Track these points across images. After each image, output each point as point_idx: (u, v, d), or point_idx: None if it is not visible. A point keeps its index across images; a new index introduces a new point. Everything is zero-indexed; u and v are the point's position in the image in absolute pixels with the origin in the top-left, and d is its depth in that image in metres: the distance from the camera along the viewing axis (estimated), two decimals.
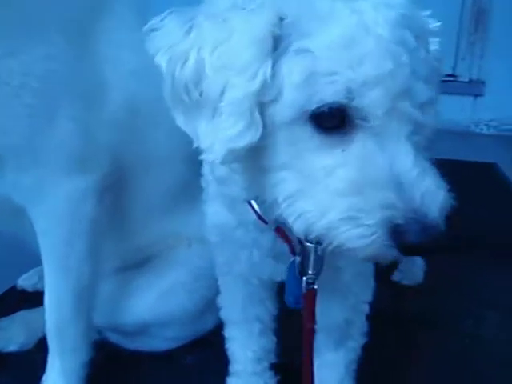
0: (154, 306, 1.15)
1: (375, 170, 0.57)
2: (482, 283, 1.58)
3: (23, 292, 1.43)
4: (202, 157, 0.63)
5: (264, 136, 0.60)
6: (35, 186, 0.91)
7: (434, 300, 1.47)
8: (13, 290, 1.45)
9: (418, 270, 1.54)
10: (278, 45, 0.59)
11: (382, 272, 1.25)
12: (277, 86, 0.59)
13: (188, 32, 0.61)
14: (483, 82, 3.29)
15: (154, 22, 0.63)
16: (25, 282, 1.45)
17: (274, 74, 0.58)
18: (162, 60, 0.61)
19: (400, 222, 0.55)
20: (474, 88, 3.30)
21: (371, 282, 0.92)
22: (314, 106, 0.57)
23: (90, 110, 0.92)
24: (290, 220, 0.61)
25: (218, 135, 0.59)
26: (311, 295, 0.73)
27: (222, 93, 0.59)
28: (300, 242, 0.72)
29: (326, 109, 0.57)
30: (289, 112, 0.59)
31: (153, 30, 0.62)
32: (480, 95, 3.30)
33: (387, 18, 0.57)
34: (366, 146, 0.58)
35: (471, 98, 3.32)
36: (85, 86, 0.92)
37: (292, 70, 0.58)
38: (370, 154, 0.58)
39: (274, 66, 0.58)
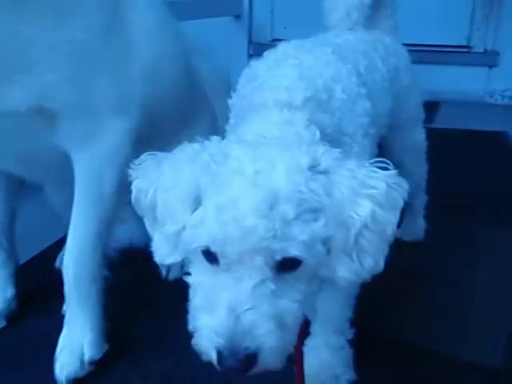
0: None
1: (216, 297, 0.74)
2: (479, 239, 1.71)
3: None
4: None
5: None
6: (82, 133, 1.07)
7: (432, 253, 1.59)
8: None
9: (419, 227, 1.67)
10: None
11: None
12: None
13: (153, 172, 0.82)
14: (498, 53, 3.34)
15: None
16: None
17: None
18: (133, 187, 0.84)
19: (219, 348, 0.73)
20: (488, 59, 3.36)
21: None
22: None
23: (123, 65, 1.09)
24: None
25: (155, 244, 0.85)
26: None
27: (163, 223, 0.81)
28: None
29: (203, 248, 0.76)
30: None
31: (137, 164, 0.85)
32: (495, 66, 3.35)
33: (251, 204, 0.71)
34: (219, 277, 0.75)
35: (486, 69, 3.38)
36: (117, 47, 1.08)
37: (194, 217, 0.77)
38: (218, 284, 0.75)
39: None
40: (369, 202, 0.75)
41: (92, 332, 1.18)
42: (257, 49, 3.65)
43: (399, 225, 0.98)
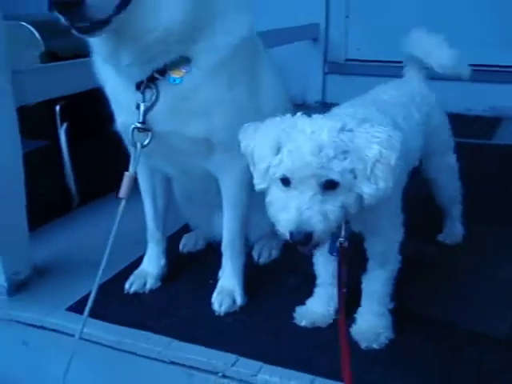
0: None
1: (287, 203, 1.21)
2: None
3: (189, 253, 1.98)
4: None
5: None
6: (227, 162, 1.54)
7: (467, 253, 1.93)
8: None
9: (458, 232, 2.00)
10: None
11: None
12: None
13: (252, 133, 1.30)
14: None
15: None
16: (185, 247, 1.99)
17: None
18: (241, 143, 1.31)
19: (291, 230, 1.19)
20: None
21: (400, 228, 1.47)
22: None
23: (258, 113, 1.52)
24: None
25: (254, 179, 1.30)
26: (343, 251, 1.34)
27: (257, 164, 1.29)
28: None
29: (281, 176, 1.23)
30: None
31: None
32: None
33: (308, 149, 1.17)
34: (289, 193, 1.21)
35: None
36: (256, 101, 1.56)
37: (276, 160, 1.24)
38: (289, 196, 1.21)
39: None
40: (377, 145, 1.20)
41: (240, 287, 1.67)
42: (332, 68, 4.05)
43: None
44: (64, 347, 1.57)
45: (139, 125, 1.40)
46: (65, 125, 2.27)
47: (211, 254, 1.84)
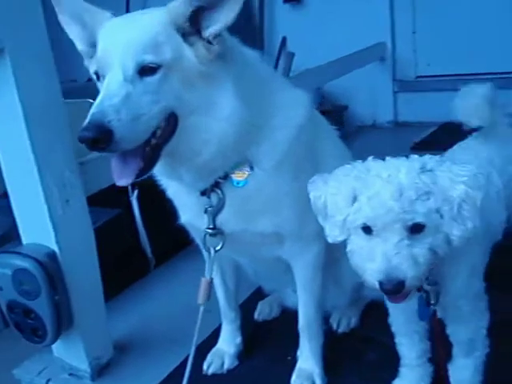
0: None
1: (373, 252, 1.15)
2: None
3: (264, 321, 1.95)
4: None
5: None
6: (299, 249, 1.51)
7: None
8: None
9: None
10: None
11: None
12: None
13: (322, 185, 1.25)
14: None
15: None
16: (261, 315, 1.96)
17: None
18: (311, 197, 1.26)
19: (381, 279, 1.13)
20: None
21: (485, 312, 1.36)
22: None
23: None
24: None
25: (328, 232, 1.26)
26: (436, 320, 1.28)
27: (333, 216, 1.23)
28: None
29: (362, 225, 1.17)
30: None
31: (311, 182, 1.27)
32: None
33: (388, 194, 1.12)
34: (372, 241, 1.16)
35: None
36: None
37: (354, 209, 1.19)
38: (372, 245, 1.16)
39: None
40: (463, 185, 1.15)
41: (319, 368, 1.62)
42: (401, 86, 3.89)
43: None
44: None
45: (210, 231, 1.39)
46: (136, 191, 2.30)
47: (287, 323, 1.78)
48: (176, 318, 1.99)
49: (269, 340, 1.83)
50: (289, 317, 1.79)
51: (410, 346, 1.47)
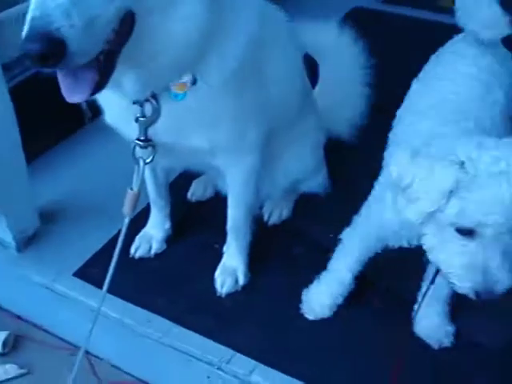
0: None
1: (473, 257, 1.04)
2: None
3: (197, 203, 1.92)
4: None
5: None
6: (234, 160, 1.43)
7: None
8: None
9: None
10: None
11: None
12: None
13: (408, 163, 1.06)
14: None
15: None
16: (194, 196, 1.93)
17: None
18: (392, 171, 1.09)
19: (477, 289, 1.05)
20: None
21: None
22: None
23: (261, 116, 1.38)
24: None
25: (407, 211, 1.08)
26: None
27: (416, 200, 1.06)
28: None
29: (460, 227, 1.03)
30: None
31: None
32: None
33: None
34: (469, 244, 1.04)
35: None
36: (261, 102, 1.38)
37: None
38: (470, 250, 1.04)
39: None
40: None
41: (244, 265, 1.65)
42: None
43: None
44: (72, 310, 1.65)
45: (140, 143, 1.25)
46: None
47: (219, 207, 1.73)
48: (110, 184, 1.92)
49: (199, 224, 1.84)
50: (222, 200, 1.75)
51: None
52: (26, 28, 0.90)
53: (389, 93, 1.67)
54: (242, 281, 1.63)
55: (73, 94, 1.00)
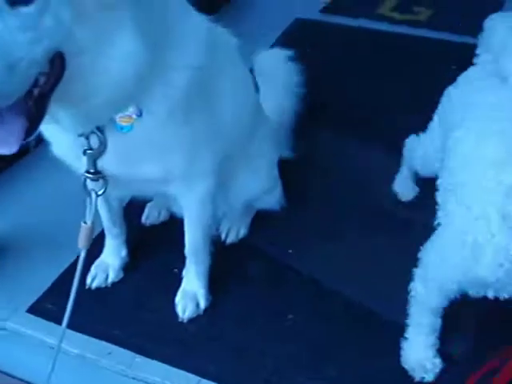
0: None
1: None
2: None
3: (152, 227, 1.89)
4: None
5: None
6: (187, 188, 1.42)
7: None
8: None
9: None
10: None
11: None
12: None
13: None
14: None
15: None
16: (148, 219, 1.90)
17: None
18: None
19: None
20: None
21: None
22: None
23: (215, 142, 1.39)
24: None
25: None
26: None
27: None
28: None
29: None
30: None
31: None
32: None
33: None
34: None
35: None
36: (214, 116, 1.38)
37: None
38: None
39: None
40: None
41: (204, 289, 1.63)
42: None
43: None
44: (29, 348, 1.59)
45: (90, 175, 1.23)
46: None
47: (175, 229, 1.70)
48: (59, 214, 1.88)
49: (155, 249, 1.81)
50: (177, 223, 1.72)
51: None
52: None
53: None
54: (203, 304, 1.61)
55: (3, 145, 0.96)
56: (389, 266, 1.66)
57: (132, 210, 1.87)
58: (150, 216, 1.89)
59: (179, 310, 1.60)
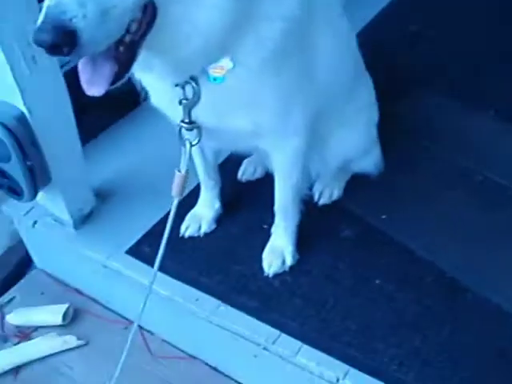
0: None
1: None
2: None
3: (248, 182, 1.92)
4: None
5: None
6: (279, 142, 1.42)
7: None
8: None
9: None
10: None
11: None
12: None
13: None
14: None
15: None
16: (244, 175, 1.92)
17: None
18: None
19: None
20: None
21: None
22: None
23: (308, 97, 1.35)
24: None
25: None
26: None
27: None
28: None
29: None
30: None
31: None
32: None
33: None
34: None
35: None
36: (308, 70, 1.34)
37: None
38: None
39: None
40: None
41: (292, 246, 1.64)
42: None
43: None
44: (126, 286, 1.70)
45: (185, 125, 1.26)
46: None
47: (269, 186, 1.70)
48: (162, 164, 1.93)
49: (248, 204, 1.84)
50: (272, 180, 1.71)
51: None
52: (40, 16, 0.91)
53: None
54: (289, 261, 1.62)
55: (91, 85, 1.01)
56: (488, 242, 1.56)
57: (229, 165, 1.91)
58: (246, 172, 1.92)
59: (265, 264, 1.62)
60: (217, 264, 1.67)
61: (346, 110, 1.59)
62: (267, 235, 1.68)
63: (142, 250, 1.71)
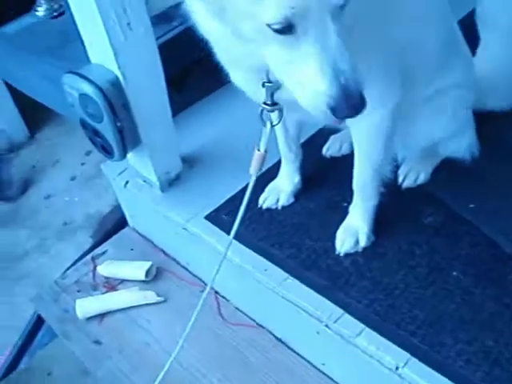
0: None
1: None
2: None
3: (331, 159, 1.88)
4: None
5: None
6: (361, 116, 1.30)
7: None
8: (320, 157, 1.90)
9: None
10: None
11: None
12: None
13: None
14: None
15: None
16: (329, 151, 1.88)
17: None
18: None
19: None
20: None
21: None
22: None
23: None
24: None
25: None
26: None
27: None
28: None
29: None
30: None
31: None
32: None
33: None
34: None
35: None
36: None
37: None
38: None
39: None
40: None
41: (367, 227, 1.59)
42: None
43: None
44: (203, 251, 1.77)
45: (267, 107, 1.25)
46: None
47: (353, 164, 1.69)
48: (246, 138, 1.97)
49: (330, 180, 1.80)
50: None
51: None
52: (332, 82, 0.99)
53: None
54: (363, 242, 1.58)
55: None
56: None
57: (315, 140, 1.90)
58: (332, 147, 1.88)
59: (338, 243, 1.59)
60: (290, 238, 1.66)
61: (436, 86, 1.49)
62: (345, 213, 1.65)
63: (220, 217, 1.75)
